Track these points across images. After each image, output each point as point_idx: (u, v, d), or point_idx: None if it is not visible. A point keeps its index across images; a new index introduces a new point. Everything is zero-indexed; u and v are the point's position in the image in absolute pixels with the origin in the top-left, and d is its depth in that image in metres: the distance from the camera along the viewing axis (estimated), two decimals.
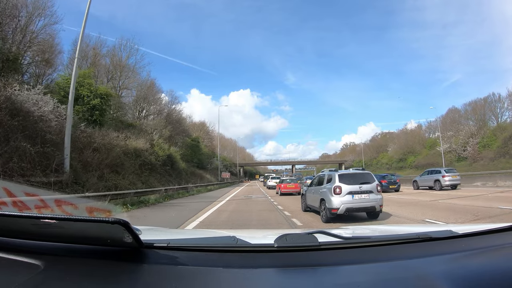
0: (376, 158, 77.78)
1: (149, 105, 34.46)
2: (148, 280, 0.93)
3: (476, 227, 1.52)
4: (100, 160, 14.50)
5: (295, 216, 8.88)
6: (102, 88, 22.91)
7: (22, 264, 0.96)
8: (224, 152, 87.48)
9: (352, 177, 7.85)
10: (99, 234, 0.98)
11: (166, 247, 1.11)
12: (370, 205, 7.47)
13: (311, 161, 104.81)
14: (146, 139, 22.49)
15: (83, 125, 17.53)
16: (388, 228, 2.22)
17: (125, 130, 22.30)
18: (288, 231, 1.44)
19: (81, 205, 5.88)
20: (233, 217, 9.28)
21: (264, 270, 1.01)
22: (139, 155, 19.71)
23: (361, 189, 7.48)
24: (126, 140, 20.32)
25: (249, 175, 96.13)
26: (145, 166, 19.60)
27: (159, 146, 23.00)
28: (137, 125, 25.83)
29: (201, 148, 48.24)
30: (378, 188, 7.73)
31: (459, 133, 54.29)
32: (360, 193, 7.46)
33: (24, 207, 2.88)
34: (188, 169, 31.46)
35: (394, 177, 19.26)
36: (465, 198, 12.11)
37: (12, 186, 5.58)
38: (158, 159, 21.71)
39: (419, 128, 74.60)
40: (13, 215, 1.01)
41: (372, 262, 1.06)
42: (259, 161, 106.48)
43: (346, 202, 7.33)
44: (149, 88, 34.37)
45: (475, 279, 0.92)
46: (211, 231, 2.52)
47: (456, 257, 1.12)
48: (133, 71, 32.86)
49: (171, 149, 25.60)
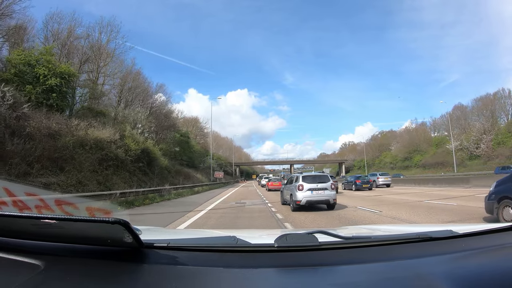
0: (379, 157, 74.15)
1: (132, 94, 30.33)
2: (148, 280, 0.93)
3: (476, 227, 1.49)
4: (32, 150, 10.34)
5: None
6: (64, 66, 18.73)
7: (22, 264, 0.95)
8: (220, 151, 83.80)
9: (312, 177, 9.96)
10: (99, 234, 0.98)
11: (166, 247, 1.11)
12: (325, 198, 9.55)
13: (310, 161, 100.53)
14: (116, 129, 18.33)
15: (26, 107, 13.45)
16: (388, 228, 2.16)
17: (92, 119, 18.19)
18: (288, 231, 1.49)
19: (81, 205, 5.27)
20: None
21: (264, 270, 1.00)
22: (102, 147, 15.56)
23: (318, 186, 9.52)
24: (88, 129, 16.17)
25: (246, 175, 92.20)
26: (109, 161, 15.44)
27: (132, 138, 18.72)
28: (108, 113, 21.64)
29: (193, 145, 44.08)
30: (332, 186, 9.80)
31: (470, 130, 51.17)
32: (318, 190, 9.50)
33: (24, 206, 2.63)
34: (173, 167, 27.19)
35: (367, 178, 23.07)
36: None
37: None
38: (129, 154, 17.54)
39: (423, 126, 71.73)
40: (13, 215, 1.00)
41: (372, 262, 1.05)
42: (256, 160, 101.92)
43: (306, 196, 9.38)
44: (134, 78, 30.32)
45: (475, 279, 0.91)
46: (211, 231, 2.52)
47: (456, 257, 1.12)
48: (114, 56, 28.70)
49: (148, 142, 21.20)
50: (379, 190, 21.05)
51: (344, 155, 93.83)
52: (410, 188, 21.88)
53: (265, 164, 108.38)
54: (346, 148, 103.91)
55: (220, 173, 42.48)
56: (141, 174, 18.22)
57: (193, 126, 53.69)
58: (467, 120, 57.72)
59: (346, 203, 11.77)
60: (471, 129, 51.60)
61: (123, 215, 9.32)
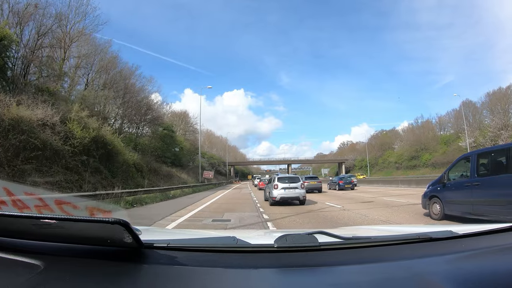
0: (382, 156, 69.74)
1: (101, 78, 25.24)
2: (148, 280, 0.92)
3: (476, 227, 1.46)
4: None
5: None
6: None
7: (22, 264, 0.95)
8: (213, 150, 78.95)
9: (285, 178, 12.19)
10: (99, 234, 0.97)
11: (166, 247, 1.10)
12: (295, 196, 11.72)
13: (308, 160, 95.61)
14: (58, 110, 13.27)
15: None
16: (388, 228, 2.19)
17: (39, 98, 13.13)
18: (288, 231, 1.43)
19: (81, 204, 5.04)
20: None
21: (264, 271, 0.99)
22: (23, 131, 10.49)
23: (290, 186, 11.71)
24: (10, 106, 11.12)
25: (241, 175, 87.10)
26: (32, 151, 10.37)
27: (79, 123, 13.56)
28: (55, 90, 16.50)
29: (180, 141, 38.91)
30: (302, 186, 11.93)
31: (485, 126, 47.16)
32: (290, 189, 11.67)
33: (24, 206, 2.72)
34: (147, 165, 21.98)
35: (349, 179, 24.64)
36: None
37: None
38: (71, 143, 12.50)
39: (428, 124, 67.89)
40: (13, 215, 0.99)
41: (372, 262, 1.04)
42: (251, 159, 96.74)
43: (281, 194, 11.57)
44: (110, 62, 25.33)
45: (475, 279, 0.90)
46: (211, 232, 2.54)
47: (456, 258, 1.11)
48: (84, 34, 23.54)
49: (104, 129, 15.90)
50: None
51: (344, 154, 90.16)
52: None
53: (261, 164, 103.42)
54: (345, 147, 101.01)
55: (210, 173, 37.17)
56: (89, 171, 13.03)
57: (182, 121, 48.34)
58: (475, 117, 54.49)
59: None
60: (485, 125, 47.79)
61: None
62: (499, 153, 5.95)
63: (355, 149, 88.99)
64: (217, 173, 64.38)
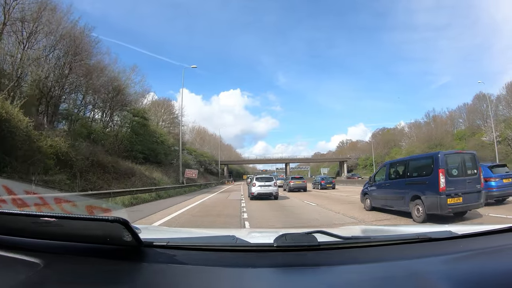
0: (389, 154, 64.16)
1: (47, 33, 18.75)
2: (147, 278, 0.92)
3: (475, 228, 1.48)
4: None
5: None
6: None
7: (21, 262, 0.94)
8: (205, 148, 72.50)
9: (262, 178, 15.86)
10: (99, 232, 0.97)
11: (166, 246, 1.09)
12: (269, 192, 14.70)
13: (307, 159, 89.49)
14: None
15: None
16: (387, 228, 2.19)
17: None
18: (287, 231, 1.36)
19: (81, 203, 4.67)
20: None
21: (263, 270, 0.99)
22: None
23: (265, 184, 14.86)
24: None
25: (236, 175, 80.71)
26: None
27: None
28: None
29: (159, 133, 32.47)
30: (274, 184, 15.19)
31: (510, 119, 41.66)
32: (265, 186, 14.74)
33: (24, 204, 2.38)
34: (91, 157, 15.43)
35: (330, 179, 27.79)
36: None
37: None
38: None
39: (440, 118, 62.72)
40: (13, 213, 0.98)
41: (371, 262, 1.05)
42: (247, 158, 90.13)
43: (258, 190, 14.65)
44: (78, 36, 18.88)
45: (474, 279, 0.91)
46: (211, 231, 2.52)
47: (455, 258, 1.11)
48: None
49: None
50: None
51: (344, 153, 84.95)
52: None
53: (257, 163, 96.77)
54: (345, 146, 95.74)
55: (193, 172, 30.46)
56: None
57: (166, 111, 41.72)
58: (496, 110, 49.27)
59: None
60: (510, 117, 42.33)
61: None
62: (401, 164, 8.37)
63: (356, 147, 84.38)
64: (208, 173, 57.77)
